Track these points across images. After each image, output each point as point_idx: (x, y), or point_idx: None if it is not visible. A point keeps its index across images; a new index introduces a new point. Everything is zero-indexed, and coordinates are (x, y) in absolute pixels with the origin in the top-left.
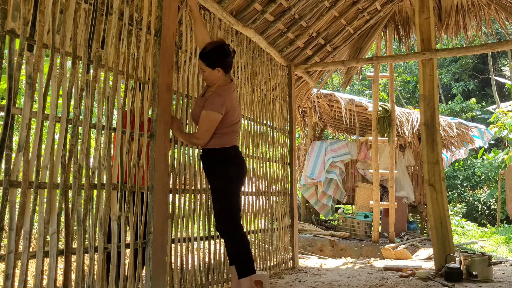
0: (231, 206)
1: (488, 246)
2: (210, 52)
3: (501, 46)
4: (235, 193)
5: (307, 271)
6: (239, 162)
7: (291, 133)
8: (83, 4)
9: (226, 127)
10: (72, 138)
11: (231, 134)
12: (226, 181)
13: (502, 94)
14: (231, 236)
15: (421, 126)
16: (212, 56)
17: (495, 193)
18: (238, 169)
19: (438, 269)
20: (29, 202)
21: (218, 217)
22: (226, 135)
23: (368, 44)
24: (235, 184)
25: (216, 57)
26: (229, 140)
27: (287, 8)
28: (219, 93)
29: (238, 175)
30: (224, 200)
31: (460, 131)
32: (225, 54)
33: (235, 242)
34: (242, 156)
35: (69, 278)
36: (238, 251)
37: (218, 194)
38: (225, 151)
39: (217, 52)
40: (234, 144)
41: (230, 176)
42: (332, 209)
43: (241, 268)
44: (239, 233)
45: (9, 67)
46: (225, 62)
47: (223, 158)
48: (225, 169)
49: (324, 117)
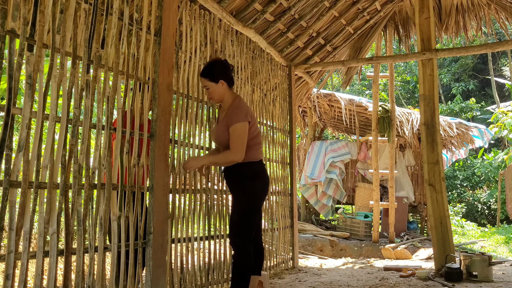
0: (248, 221)
1: (488, 246)
2: (210, 66)
3: (501, 46)
4: (256, 209)
5: (307, 271)
6: (263, 178)
7: (291, 133)
8: (83, 4)
9: (250, 139)
10: (72, 138)
11: (256, 147)
12: (251, 196)
13: (502, 94)
14: (240, 249)
15: (421, 126)
16: (213, 70)
17: (495, 193)
18: (263, 185)
19: (438, 269)
20: (29, 202)
21: (232, 227)
22: (251, 148)
23: (368, 44)
24: (258, 200)
25: (217, 71)
26: (255, 154)
27: (287, 8)
28: (236, 105)
29: (263, 191)
30: (244, 214)
31: (460, 131)
32: (225, 66)
33: (242, 256)
34: (267, 172)
35: (69, 278)
36: (241, 266)
37: (240, 207)
38: (252, 166)
39: (217, 65)
40: (260, 158)
41: (255, 191)
42: (332, 209)
43: (234, 285)
44: (249, 249)
45: (9, 67)
46: (227, 74)
47: (250, 173)
48: (251, 184)
49: (324, 117)
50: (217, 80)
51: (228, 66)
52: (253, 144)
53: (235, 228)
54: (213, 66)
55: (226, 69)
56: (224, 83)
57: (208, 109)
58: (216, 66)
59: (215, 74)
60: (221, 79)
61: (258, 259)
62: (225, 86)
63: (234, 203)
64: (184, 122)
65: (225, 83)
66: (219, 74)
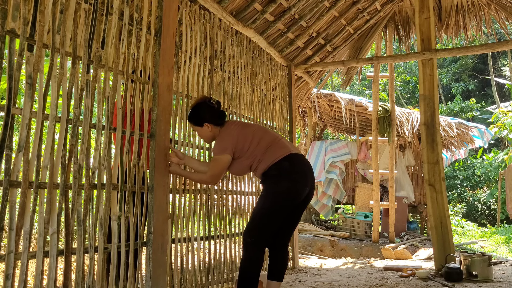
0: (265, 222)
1: (488, 246)
2: (193, 111)
3: (501, 46)
4: (278, 213)
5: (307, 271)
6: (294, 177)
7: (291, 133)
8: (83, 4)
9: (261, 152)
10: (72, 138)
11: (271, 149)
12: (273, 196)
13: (502, 94)
14: (248, 250)
15: (421, 126)
16: (196, 115)
17: (495, 193)
18: (292, 186)
19: (438, 269)
20: (29, 202)
21: (247, 225)
22: (268, 152)
23: (368, 44)
24: (282, 201)
25: (201, 115)
26: (276, 152)
27: (287, 8)
28: (221, 137)
29: (290, 193)
30: (262, 213)
31: (460, 131)
32: (207, 109)
33: (247, 257)
34: (301, 169)
35: (69, 278)
36: (247, 271)
37: (261, 204)
38: (278, 165)
39: (200, 109)
40: (284, 154)
41: (278, 192)
42: (332, 209)
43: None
44: (255, 253)
45: (9, 67)
46: (212, 116)
47: (276, 173)
48: (275, 183)
49: (324, 117)
50: (202, 124)
51: (211, 106)
52: (269, 148)
53: (248, 226)
54: (196, 111)
55: (209, 111)
56: (210, 125)
57: None
58: (200, 110)
59: (199, 118)
60: (205, 123)
61: (277, 265)
62: (211, 127)
63: (259, 199)
64: (184, 122)
65: (211, 125)
66: (203, 118)
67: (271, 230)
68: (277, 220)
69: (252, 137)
